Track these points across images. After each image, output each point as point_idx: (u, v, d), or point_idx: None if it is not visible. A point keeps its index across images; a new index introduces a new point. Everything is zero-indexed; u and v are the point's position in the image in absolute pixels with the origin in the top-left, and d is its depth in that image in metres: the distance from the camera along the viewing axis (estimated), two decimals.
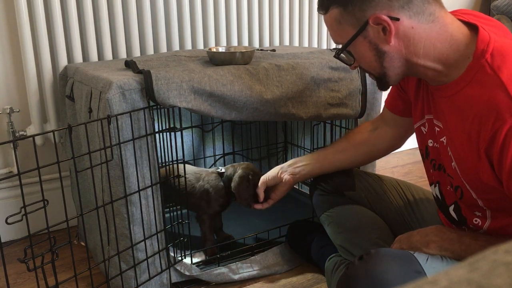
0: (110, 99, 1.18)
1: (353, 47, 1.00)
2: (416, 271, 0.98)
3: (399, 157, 2.50)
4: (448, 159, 1.03)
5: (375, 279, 0.96)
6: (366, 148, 1.36)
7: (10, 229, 1.05)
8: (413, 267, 0.99)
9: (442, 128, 1.03)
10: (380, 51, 0.97)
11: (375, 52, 0.98)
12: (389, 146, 1.35)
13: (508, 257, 0.30)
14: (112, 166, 1.21)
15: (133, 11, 1.67)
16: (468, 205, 1.05)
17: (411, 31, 0.94)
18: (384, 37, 0.95)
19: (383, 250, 1.03)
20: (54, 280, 1.10)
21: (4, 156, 1.69)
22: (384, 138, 1.33)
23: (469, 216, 1.06)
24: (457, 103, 0.96)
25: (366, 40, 0.97)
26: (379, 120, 1.35)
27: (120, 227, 1.26)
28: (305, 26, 2.02)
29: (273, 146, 2.09)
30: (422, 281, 0.30)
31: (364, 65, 1.03)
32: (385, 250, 1.04)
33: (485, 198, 0.99)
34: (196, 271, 1.40)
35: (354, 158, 1.37)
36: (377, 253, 1.02)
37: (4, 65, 1.62)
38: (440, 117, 1.04)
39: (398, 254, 1.03)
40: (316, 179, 1.43)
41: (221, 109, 1.31)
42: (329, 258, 1.36)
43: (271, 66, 1.37)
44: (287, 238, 1.57)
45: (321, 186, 1.40)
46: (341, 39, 1.01)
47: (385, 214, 1.33)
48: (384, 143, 1.34)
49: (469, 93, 0.92)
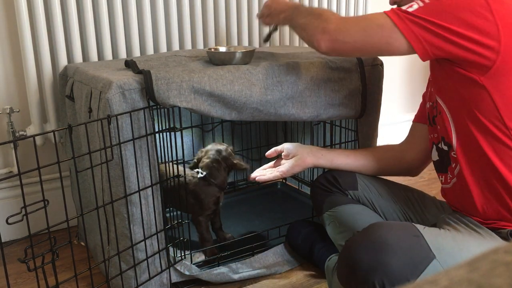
0: (110, 99, 1.18)
1: None
2: (415, 235, 0.99)
3: None
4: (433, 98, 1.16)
5: (375, 241, 0.96)
6: (393, 153, 1.40)
7: (11, 229, 1.05)
8: (412, 231, 1.00)
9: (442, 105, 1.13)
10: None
11: None
12: (418, 158, 1.37)
13: (508, 257, 0.30)
14: (112, 166, 1.21)
15: (133, 11, 1.67)
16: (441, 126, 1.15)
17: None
18: None
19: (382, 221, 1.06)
20: (54, 280, 1.10)
21: (4, 156, 1.69)
22: (413, 148, 1.37)
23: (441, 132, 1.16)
24: None
25: None
26: (408, 136, 1.41)
27: (120, 227, 1.26)
28: None
29: (273, 146, 2.08)
30: (422, 281, 0.30)
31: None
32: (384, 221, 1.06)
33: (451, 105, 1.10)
34: (196, 271, 1.40)
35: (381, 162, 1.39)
36: (377, 223, 1.05)
37: (4, 65, 1.62)
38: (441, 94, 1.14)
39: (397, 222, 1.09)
40: (318, 178, 1.43)
41: (221, 109, 1.31)
42: (329, 258, 1.36)
43: (271, 66, 1.37)
44: (287, 238, 1.57)
45: (323, 185, 1.40)
46: None
47: (387, 214, 1.33)
48: (413, 153, 1.37)
49: None
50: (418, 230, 1.01)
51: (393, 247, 0.94)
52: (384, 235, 0.97)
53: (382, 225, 1.02)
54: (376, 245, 0.95)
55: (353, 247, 1.00)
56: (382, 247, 0.95)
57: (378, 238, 0.97)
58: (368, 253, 0.95)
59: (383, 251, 0.94)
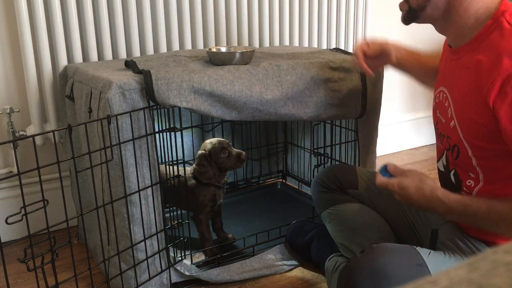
0: (110, 99, 1.18)
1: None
2: (418, 264, 0.98)
3: (399, 157, 2.50)
4: (448, 120, 1.06)
5: (377, 271, 0.96)
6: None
7: (10, 229, 1.05)
8: (415, 260, 0.99)
9: (447, 94, 1.07)
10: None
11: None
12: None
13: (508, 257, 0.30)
14: (112, 166, 1.21)
15: (133, 11, 1.67)
16: (463, 166, 1.06)
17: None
18: None
19: (386, 244, 1.04)
20: (54, 280, 1.10)
21: (4, 156, 1.69)
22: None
23: (464, 177, 1.08)
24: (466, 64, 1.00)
25: None
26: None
27: (120, 227, 1.26)
28: (305, 26, 2.02)
29: (273, 146, 2.09)
30: (422, 281, 0.30)
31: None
32: (388, 244, 1.05)
33: (480, 155, 1.00)
34: (196, 271, 1.40)
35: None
36: (380, 246, 1.02)
37: (4, 65, 1.62)
38: (447, 83, 1.08)
39: (400, 248, 1.03)
40: (319, 175, 1.43)
41: (221, 109, 1.31)
42: (329, 257, 1.36)
43: (271, 66, 1.37)
44: (287, 238, 1.57)
45: (324, 183, 1.40)
46: None
47: (387, 213, 1.33)
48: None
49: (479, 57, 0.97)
50: (421, 257, 1.00)
51: (395, 278, 0.93)
52: (387, 264, 0.96)
53: (385, 251, 1.00)
54: (378, 275, 0.95)
55: (354, 273, 1.00)
56: (384, 277, 0.94)
57: (380, 266, 0.96)
58: (369, 282, 0.95)
59: (384, 281, 0.94)
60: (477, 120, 0.97)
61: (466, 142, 1.02)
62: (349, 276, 1.01)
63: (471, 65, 0.99)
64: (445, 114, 1.08)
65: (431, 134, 1.30)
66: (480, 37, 0.99)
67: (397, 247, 1.04)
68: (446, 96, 1.09)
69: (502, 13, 0.96)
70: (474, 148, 1.01)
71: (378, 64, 1.34)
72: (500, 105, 0.91)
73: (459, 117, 1.03)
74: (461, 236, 1.10)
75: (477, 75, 0.96)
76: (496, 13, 0.97)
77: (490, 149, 0.98)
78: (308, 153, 1.94)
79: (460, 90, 1.02)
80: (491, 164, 1.00)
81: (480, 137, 0.98)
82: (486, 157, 1.00)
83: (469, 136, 1.01)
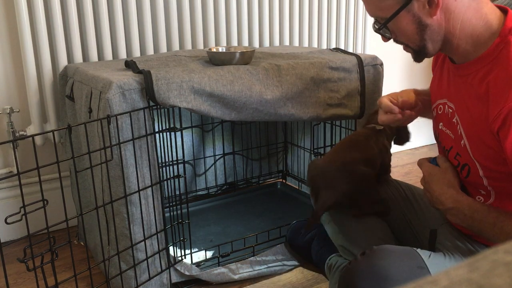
0: (110, 99, 1.18)
1: (395, 21, 1.01)
2: (418, 266, 0.98)
3: (399, 157, 2.50)
4: (458, 137, 1.04)
5: (378, 273, 0.96)
6: None
7: (10, 229, 1.05)
8: (416, 262, 0.99)
9: (454, 109, 1.05)
10: (423, 24, 0.98)
11: (417, 26, 0.99)
12: None
13: (508, 257, 0.30)
14: (112, 166, 1.21)
15: (133, 11, 1.67)
16: (473, 184, 1.05)
17: (453, 4, 0.96)
18: (429, 10, 0.96)
19: (386, 246, 1.03)
20: (53, 280, 1.10)
21: (4, 156, 1.69)
22: None
23: (474, 194, 1.06)
24: (476, 85, 0.97)
25: (409, 13, 0.98)
26: None
27: (120, 227, 1.26)
28: (305, 26, 2.02)
29: (273, 146, 2.09)
30: (422, 280, 0.30)
31: (404, 38, 1.04)
32: (388, 246, 1.04)
33: (491, 176, 0.99)
34: (196, 271, 1.40)
35: None
36: (380, 249, 1.02)
37: (4, 65, 1.62)
38: (453, 98, 1.06)
39: (401, 250, 1.03)
40: None
41: (221, 109, 1.31)
42: (329, 258, 1.36)
43: (271, 66, 1.37)
44: (287, 238, 1.57)
45: None
46: (382, 13, 1.01)
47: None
48: None
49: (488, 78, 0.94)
50: (422, 260, 0.99)
51: (396, 281, 0.93)
52: (388, 266, 0.96)
53: (386, 254, 1.00)
54: (379, 278, 0.95)
55: (355, 276, 1.00)
56: (384, 280, 0.94)
57: (381, 269, 0.96)
58: (370, 285, 0.96)
59: (385, 284, 0.94)
60: (486, 142, 0.96)
61: (477, 162, 1.00)
62: (350, 278, 1.01)
63: (481, 90, 0.96)
64: (455, 131, 1.06)
65: (431, 134, 1.29)
66: (488, 56, 0.96)
67: (397, 249, 1.04)
68: (452, 112, 1.07)
69: (510, 31, 0.94)
70: (485, 169, 0.99)
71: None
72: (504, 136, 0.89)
73: (469, 136, 1.01)
74: (460, 237, 1.10)
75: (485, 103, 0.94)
76: (503, 31, 0.95)
77: (501, 171, 0.96)
78: (308, 153, 1.94)
79: (469, 110, 1.00)
80: (503, 185, 0.99)
81: (491, 159, 0.97)
82: (498, 179, 0.99)
83: (479, 156, 0.99)
